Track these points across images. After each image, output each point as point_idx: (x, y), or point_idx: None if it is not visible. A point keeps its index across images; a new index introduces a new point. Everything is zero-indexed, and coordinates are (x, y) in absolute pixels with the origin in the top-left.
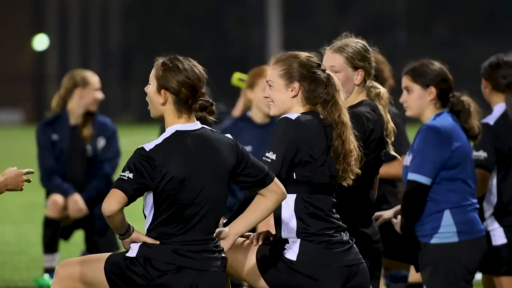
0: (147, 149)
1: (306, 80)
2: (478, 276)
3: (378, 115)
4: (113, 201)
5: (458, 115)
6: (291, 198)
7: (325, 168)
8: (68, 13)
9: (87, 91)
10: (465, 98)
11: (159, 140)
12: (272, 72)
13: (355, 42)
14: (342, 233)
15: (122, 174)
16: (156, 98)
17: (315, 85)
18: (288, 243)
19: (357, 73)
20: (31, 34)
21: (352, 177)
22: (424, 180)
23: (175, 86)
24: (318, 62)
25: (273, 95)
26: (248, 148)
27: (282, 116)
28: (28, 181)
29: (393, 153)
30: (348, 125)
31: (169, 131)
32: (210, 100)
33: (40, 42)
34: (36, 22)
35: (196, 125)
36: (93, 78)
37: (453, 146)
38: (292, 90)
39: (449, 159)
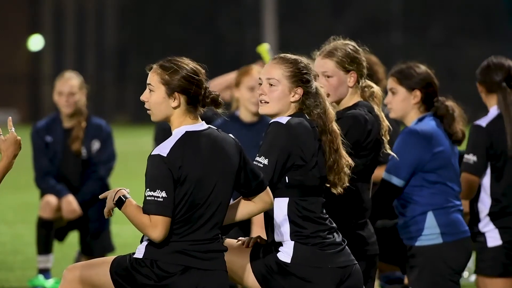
0: (165, 155)
1: (308, 86)
2: (473, 277)
3: (375, 116)
4: (158, 230)
5: (442, 119)
6: (283, 202)
7: (315, 170)
8: (63, 13)
9: (55, 94)
10: (450, 103)
11: (171, 142)
12: (277, 70)
13: (344, 45)
14: (335, 234)
15: (154, 194)
16: (167, 103)
17: (312, 94)
18: (282, 245)
19: (350, 76)
20: (27, 35)
21: (345, 184)
22: (396, 181)
23: (185, 86)
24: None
25: (272, 95)
26: None
27: (272, 121)
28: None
29: (389, 151)
30: (339, 133)
31: (179, 132)
32: (217, 92)
33: (36, 42)
34: (32, 22)
35: (202, 125)
36: (62, 81)
37: (434, 150)
38: (294, 95)
39: (429, 163)
